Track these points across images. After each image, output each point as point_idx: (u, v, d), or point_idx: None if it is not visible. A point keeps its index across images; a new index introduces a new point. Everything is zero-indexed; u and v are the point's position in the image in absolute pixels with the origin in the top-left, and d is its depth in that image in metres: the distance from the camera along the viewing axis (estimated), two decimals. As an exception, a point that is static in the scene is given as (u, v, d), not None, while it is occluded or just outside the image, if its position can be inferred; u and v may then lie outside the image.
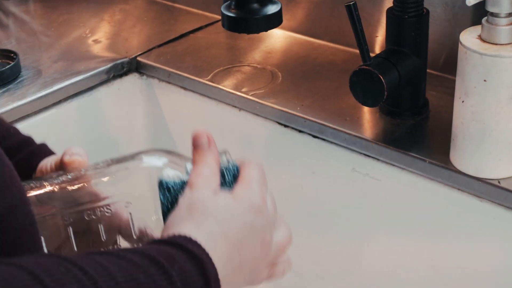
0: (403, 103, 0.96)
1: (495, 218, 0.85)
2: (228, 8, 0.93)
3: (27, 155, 0.70)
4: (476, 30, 0.82)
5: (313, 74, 1.09)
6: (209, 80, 1.09)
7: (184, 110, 1.14)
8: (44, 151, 0.72)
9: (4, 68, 1.08)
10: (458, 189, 0.87)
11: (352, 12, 0.88)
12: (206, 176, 0.60)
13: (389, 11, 0.93)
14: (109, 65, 1.14)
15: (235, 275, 0.57)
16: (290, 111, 1.00)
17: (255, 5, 0.91)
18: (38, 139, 0.74)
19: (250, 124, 1.05)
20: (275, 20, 0.92)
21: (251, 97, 1.04)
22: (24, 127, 0.93)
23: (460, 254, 0.89)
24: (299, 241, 1.05)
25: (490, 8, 0.79)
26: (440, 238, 0.91)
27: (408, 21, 0.91)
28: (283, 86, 1.06)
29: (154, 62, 1.15)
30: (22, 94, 1.06)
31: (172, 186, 0.61)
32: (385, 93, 0.89)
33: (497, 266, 0.87)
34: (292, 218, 1.05)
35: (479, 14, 0.90)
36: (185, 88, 1.12)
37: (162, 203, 0.61)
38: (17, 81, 1.09)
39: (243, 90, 1.06)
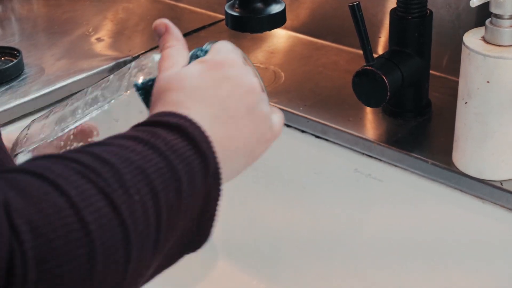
0: (406, 104, 0.96)
1: (497, 219, 0.85)
2: (232, 7, 0.93)
3: None
4: (479, 31, 0.82)
5: (316, 74, 1.08)
6: (212, 79, 1.09)
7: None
8: None
9: (7, 66, 1.08)
10: (461, 191, 0.87)
11: (356, 13, 0.88)
12: (172, 56, 0.60)
13: (393, 12, 0.93)
14: (112, 64, 1.14)
15: (230, 127, 0.56)
16: (292, 111, 1.00)
17: (259, 5, 0.91)
18: (40, 137, 0.74)
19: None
20: (278, 20, 0.92)
21: (253, 97, 1.03)
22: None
23: (461, 255, 0.89)
24: (300, 242, 1.05)
25: (493, 10, 0.79)
26: (441, 239, 0.91)
27: (411, 22, 0.91)
28: (285, 86, 1.06)
29: (157, 61, 1.15)
30: (24, 91, 1.06)
31: (146, 84, 0.60)
32: (388, 93, 0.89)
33: (500, 268, 0.87)
34: (294, 219, 1.05)
35: (483, 16, 0.90)
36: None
37: (146, 106, 0.61)
38: (20, 79, 1.09)
39: (246, 89, 1.05)
